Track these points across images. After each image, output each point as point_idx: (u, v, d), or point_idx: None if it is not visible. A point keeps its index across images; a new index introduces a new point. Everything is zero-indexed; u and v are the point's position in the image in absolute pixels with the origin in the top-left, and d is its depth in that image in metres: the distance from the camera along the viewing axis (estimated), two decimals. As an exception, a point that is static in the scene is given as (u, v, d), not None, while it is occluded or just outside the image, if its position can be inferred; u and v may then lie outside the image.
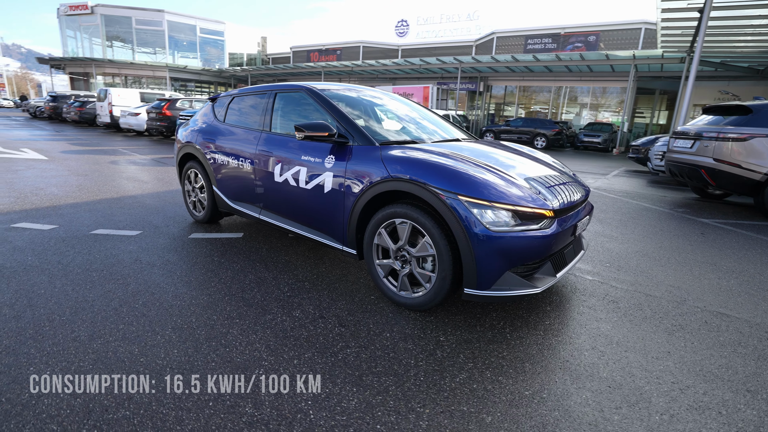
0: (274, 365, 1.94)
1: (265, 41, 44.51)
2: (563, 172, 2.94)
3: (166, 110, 13.47)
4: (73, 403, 1.67)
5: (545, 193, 2.40)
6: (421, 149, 2.62)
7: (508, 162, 2.72)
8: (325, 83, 3.54)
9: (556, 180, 2.67)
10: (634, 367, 2.02)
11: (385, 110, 3.52)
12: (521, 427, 1.60)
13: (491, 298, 2.23)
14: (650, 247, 4.01)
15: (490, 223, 2.15)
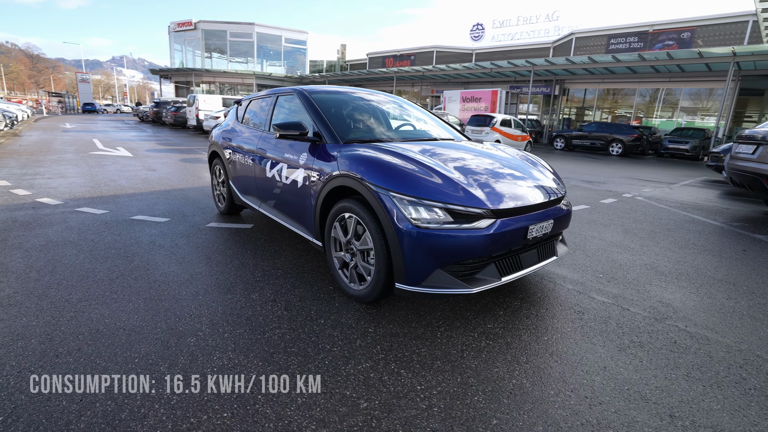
0: (206, 336, 2.18)
1: (344, 48, 46.48)
2: (531, 175, 2.81)
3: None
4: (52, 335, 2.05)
5: (491, 194, 2.35)
6: (377, 147, 2.72)
7: (465, 163, 2.70)
8: (323, 86, 3.77)
9: (513, 182, 2.59)
10: (551, 378, 1.93)
11: (371, 111, 3.64)
12: (390, 416, 1.65)
13: (422, 294, 2.26)
14: (665, 262, 3.63)
15: (417, 219, 2.19)
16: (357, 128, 3.29)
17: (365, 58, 41.29)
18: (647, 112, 23.25)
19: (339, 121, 3.20)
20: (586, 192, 7.24)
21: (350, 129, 3.19)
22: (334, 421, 1.62)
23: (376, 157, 2.50)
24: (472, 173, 2.53)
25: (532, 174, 2.81)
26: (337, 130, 3.00)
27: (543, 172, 2.94)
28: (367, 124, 3.44)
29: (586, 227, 4.74)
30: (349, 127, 3.22)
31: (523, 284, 3.01)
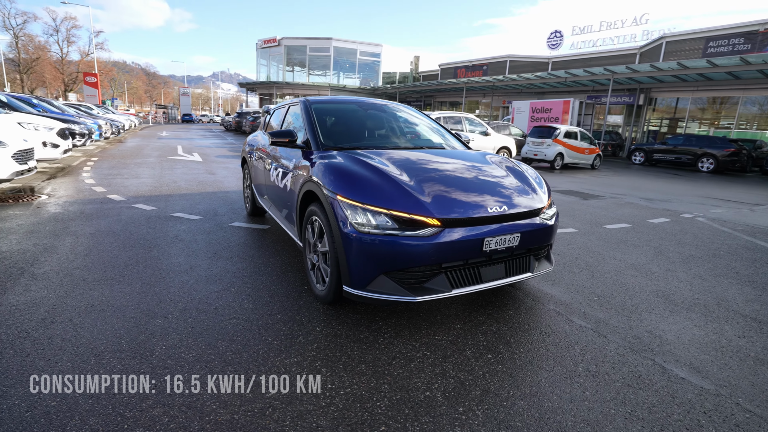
0: (173, 319, 2.44)
1: (417, 60, 47.10)
2: (501, 186, 2.71)
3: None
4: (57, 306, 2.45)
5: (441, 202, 2.34)
6: (346, 154, 2.82)
7: (430, 171, 2.70)
8: (332, 96, 3.97)
9: (473, 192, 2.53)
10: (468, 396, 1.87)
11: (364, 119, 3.76)
12: (287, 407, 1.73)
13: (366, 299, 2.30)
14: (685, 289, 3.23)
15: (360, 224, 2.25)
16: (341, 136, 3.41)
17: (437, 69, 41.42)
18: (757, 124, 20.37)
19: (327, 129, 3.36)
20: (636, 210, 6.61)
21: (334, 136, 3.32)
22: (235, 404, 1.74)
23: (335, 163, 2.62)
24: (431, 181, 2.53)
25: (502, 185, 2.72)
26: (321, 137, 3.16)
27: (520, 184, 2.81)
28: (354, 132, 3.56)
29: (610, 247, 4.36)
30: (334, 135, 3.35)
31: (500, 299, 2.90)
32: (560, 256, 3.97)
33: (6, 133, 5.76)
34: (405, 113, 4.14)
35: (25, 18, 51.02)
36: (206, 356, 2.09)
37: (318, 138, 3.16)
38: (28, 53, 50.93)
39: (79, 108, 15.52)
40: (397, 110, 4.10)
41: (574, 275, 3.45)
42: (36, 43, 51.92)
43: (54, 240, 3.82)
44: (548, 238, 2.73)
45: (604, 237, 4.78)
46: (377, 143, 3.42)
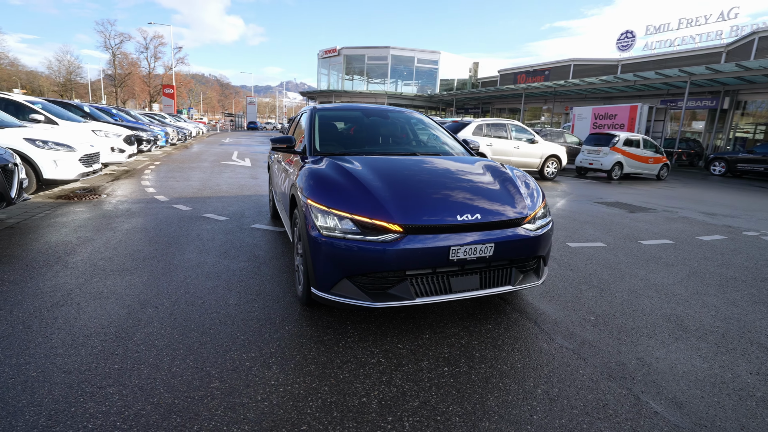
0: (163, 309, 2.64)
1: (476, 66, 46.37)
2: (478, 194, 2.62)
3: (353, 131, 16.10)
4: (72, 292, 2.77)
5: (406, 208, 2.32)
6: (330, 160, 2.88)
7: (405, 178, 2.68)
8: (340, 104, 4.07)
9: (444, 200, 2.47)
10: (404, 408, 1.83)
11: (364, 126, 3.81)
12: (225, 398, 1.81)
13: (329, 301, 2.34)
14: (706, 315, 2.88)
15: (325, 228, 2.30)
16: (337, 142, 3.49)
17: (496, 75, 40.47)
18: None
19: (325, 135, 3.46)
20: (687, 225, 5.97)
21: (330, 143, 3.41)
22: (181, 390, 1.85)
23: (314, 168, 2.69)
24: (405, 188, 2.51)
25: (482, 192, 2.63)
26: (316, 143, 3.27)
27: (503, 193, 2.69)
28: (351, 138, 3.63)
29: (636, 264, 4.00)
30: (330, 141, 3.44)
31: (484, 312, 2.78)
32: (573, 271, 3.72)
33: (75, 139, 6.55)
34: (409, 119, 4.13)
35: (122, 38, 57.64)
36: (175, 344, 2.24)
37: (313, 144, 3.27)
38: (122, 69, 57.37)
39: (153, 117, 17.21)
40: (401, 117, 4.10)
41: (580, 292, 3.22)
42: (129, 60, 58.33)
43: (94, 234, 4.28)
44: (534, 250, 2.58)
45: (635, 253, 4.39)
46: (371, 149, 3.45)
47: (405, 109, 4.31)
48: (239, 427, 1.66)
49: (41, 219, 4.85)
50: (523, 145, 10.92)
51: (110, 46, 55.10)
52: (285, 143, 3.33)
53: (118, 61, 56.43)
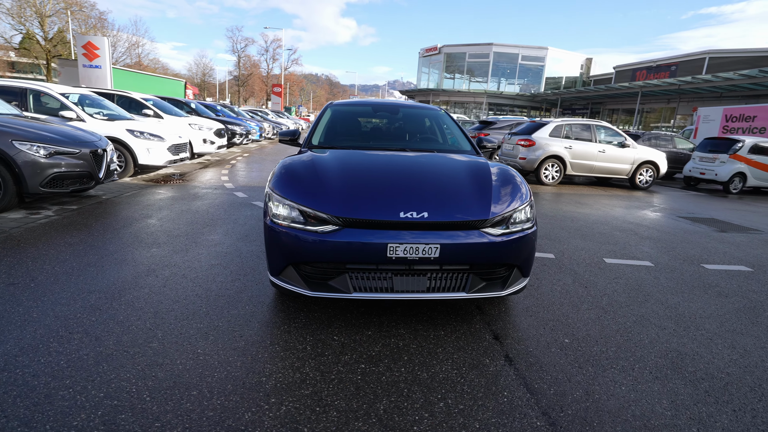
0: (164, 280, 3.03)
1: (589, 63, 42.42)
2: (437, 191, 2.52)
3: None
4: (103, 262, 3.34)
5: (348, 202, 2.34)
6: (312, 152, 3.00)
7: (370, 172, 2.71)
8: (354, 99, 4.16)
9: (393, 195, 2.43)
10: (284, 390, 1.87)
11: (370, 120, 3.87)
12: (150, 374, 2.05)
13: (276, 286, 2.47)
14: (727, 358, 2.35)
15: (276, 216, 2.42)
16: (336, 136, 3.63)
17: (611, 73, 36.58)
18: None
19: (328, 129, 3.60)
20: (791, 253, 4.82)
21: (330, 137, 3.57)
22: (127, 346, 2.14)
23: (286, 160, 2.83)
24: (362, 182, 2.54)
25: (442, 191, 2.53)
26: (314, 136, 3.43)
27: (468, 194, 2.53)
28: (349, 132, 3.72)
29: (676, 290, 3.39)
30: (331, 135, 3.59)
31: (447, 317, 2.65)
32: (586, 288, 3.30)
33: (167, 131, 7.66)
34: (422, 115, 4.06)
35: (246, 42, 64.86)
36: (147, 307, 2.57)
37: (310, 137, 3.43)
38: (246, 70, 64.47)
39: (256, 113, 19.14)
40: (414, 112, 4.05)
41: (575, 312, 2.86)
42: (251, 62, 65.30)
43: (155, 212, 5.01)
44: (498, 257, 2.39)
45: (684, 278, 3.72)
46: (364, 144, 3.50)
47: (426, 105, 4.23)
48: (144, 383, 1.87)
49: (126, 197, 5.80)
50: (610, 149, 9.78)
51: (236, 49, 62.45)
52: (290, 136, 3.53)
53: (242, 63, 63.71)
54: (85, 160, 5.02)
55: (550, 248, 4.40)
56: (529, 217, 2.59)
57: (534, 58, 40.46)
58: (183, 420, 1.66)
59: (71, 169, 4.85)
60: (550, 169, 9.61)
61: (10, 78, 19.40)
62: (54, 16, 42.54)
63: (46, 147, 4.64)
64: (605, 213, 6.66)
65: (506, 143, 10.43)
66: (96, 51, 16.71)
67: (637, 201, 8.23)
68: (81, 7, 46.83)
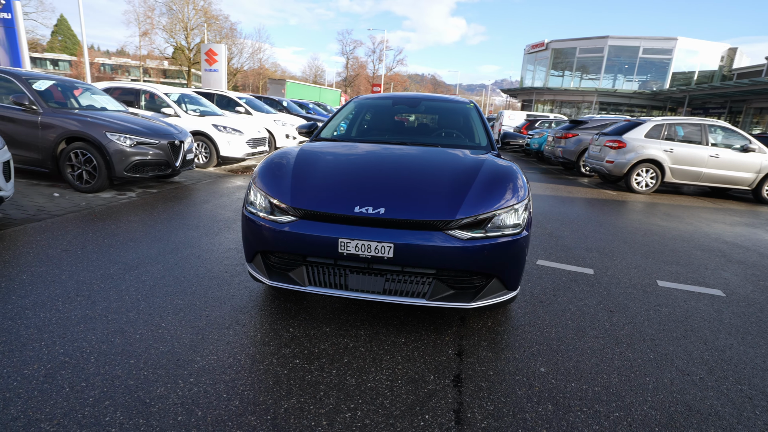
0: (163, 256, 3.34)
1: (732, 53, 35.76)
2: (411, 186, 2.35)
3: (525, 130, 15.03)
4: (141, 240, 3.82)
5: (307, 193, 2.32)
6: (309, 145, 3.02)
7: (348, 165, 2.65)
8: (379, 93, 4.08)
9: (363, 190, 2.33)
10: (214, 371, 1.90)
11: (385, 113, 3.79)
12: (105, 346, 2.27)
13: (249, 273, 2.55)
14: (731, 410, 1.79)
15: (251, 204, 2.48)
16: (347, 129, 3.62)
17: (762, 64, 30.42)
18: None
19: (338, 122, 3.63)
20: None
21: (334, 128, 3.57)
22: (114, 309, 2.40)
23: (277, 152, 2.87)
24: (334, 175, 2.51)
25: (409, 188, 2.34)
26: (324, 129, 3.48)
27: (438, 189, 2.33)
28: (359, 126, 3.68)
29: (748, 332, 2.68)
30: (336, 127, 3.60)
31: (419, 325, 2.46)
32: (610, 313, 2.79)
33: (247, 126, 8.39)
34: (445, 109, 3.86)
35: (355, 45, 68.00)
36: (151, 281, 2.85)
37: (321, 129, 3.48)
38: (353, 71, 67.70)
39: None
40: (435, 106, 3.86)
41: (577, 339, 2.44)
42: (359, 63, 68.34)
43: (214, 199, 5.54)
44: (463, 264, 2.15)
45: (759, 317, 2.92)
46: (371, 137, 3.46)
47: (453, 98, 3.98)
48: (99, 346, 2.07)
49: (203, 185, 6.51)
50: (727, 153, 8.13)
51: (345, 51, 65.96)
52: (307, 129, 3.61)
53: (350, 65, 67.08)
54: (163, 150, 5.75)
55: (594, 263, 3.82)
56: (517, 222, 2.28)
57: (658, 51, 35.42)
58: (105, 384, 1.80)
59: (150, 157, 5.59)
60: (643, 175, 8.34)
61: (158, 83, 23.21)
62: (196, 29, 49.42)
63: (131, 138, 5.42)
64: (695, 229, 5.55)
65: (593, 145, 9.32)
66: (215, 57, 19.00)
67: (752, 218, 6.71)
68: (216, 19, 53.60)
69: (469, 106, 3.80)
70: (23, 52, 11.67)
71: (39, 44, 45.83)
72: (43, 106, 5.40)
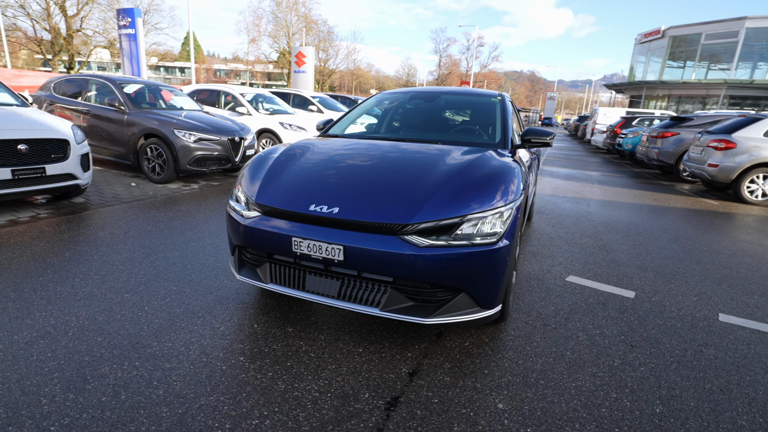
0: (186, 244, 3.57)
1: None
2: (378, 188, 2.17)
3: (618, 129, 13.45)
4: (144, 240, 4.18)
5: (272, 189, 2.29)
6: (306, 141, 3.00)
7: (327, 163, 2.55)
8: (406, 88, 3.89)
9: (326, 188, 2.23)
10: (160, 359, 1.96)
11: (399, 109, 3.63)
12: (82, 332, 2.48)
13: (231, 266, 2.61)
14: None
15: (232, 199, 2.53)
16: (352, 124, 3.53)
17: None
18: None
19: (350, 118, 3.55)
20: None
21: (344, 124, 3.53)
22: (110, 284, 2.64)
23: (268, 149, 2.88)
24: (303, 171, 2.45)
25: (372, 186, 2.19)
26: (334, 124, 3.47)
27: (406, 188, 2.14)
28: (373, 121, 3.56)
29: None
30: (345, 123, 3.55)
31: (384, 336, 2.28)
32: (632, 348, 2.30)
33: (312, 123, 8.73)
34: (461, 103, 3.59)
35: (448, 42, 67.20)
36: (159, 266, 3.07)
37: (331, 125, 3.46)
38: (446, 69, 66.97)
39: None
40: (454, 100, 3.59)
41: (565, 375, 2.04)
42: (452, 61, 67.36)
43: (262, 191, 5.84)
44: (419, 274, 1.94)
45: None
46: (374, 133, 3.36)
47: (478, 92, 3.63)
48: (81, 322, 2.27)
49: (260, 178, 6.92)
50: None
51: (439, 50, 65.45)
52: (323, 125, 3.60)
53: (443, 63, 66.44)
54: (223, 146, 6.22)
55: (642, 284, 3.20)
56: (494, 230, 1.99)
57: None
58: (66, 358, 1.96)
59: (211, 152, 6.09)
60: (758, 183, 6.86)
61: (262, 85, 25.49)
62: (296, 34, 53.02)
63: (194, 134, 5.95)
64: (813, 254, 4.38)
65: (694, 145, 7.91)
66: (303, 59, 20.15)
67: None
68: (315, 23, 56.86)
69: (495, 100, 3.44)
70: (141, 61, 13.59)
71: (170, 54, 53.07)
72: (129, 107, 6.18)
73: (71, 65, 36.14)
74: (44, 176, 4.12)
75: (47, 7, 33.67)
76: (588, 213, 5.72)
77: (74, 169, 4.40)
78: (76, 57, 36.47)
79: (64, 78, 7.02)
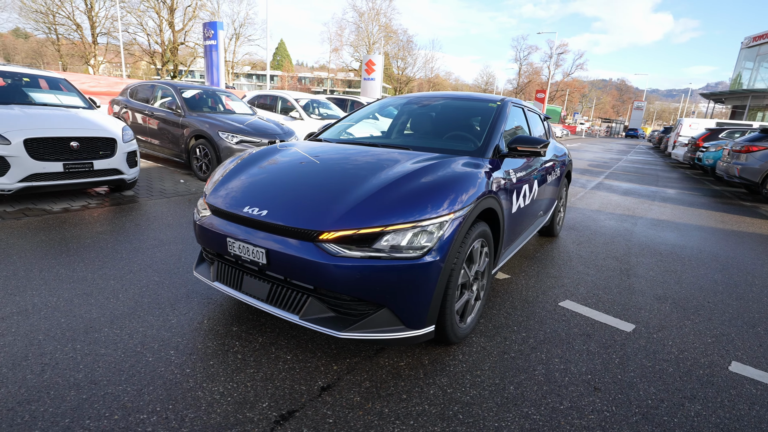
0: (196, 239, 3.78)
1: None
2: (321, 192, 2.11)
3: (701, 142, 11.84)
4: (191, 218, 4.47)
5: (223, 190, 2.33)
6: (305, 143, 3.07)
7: (288, 165, 2.54)
8: (420, 93, 3.77)
9: (273, 189, 2.23)
10: (116, 371, 2.09)
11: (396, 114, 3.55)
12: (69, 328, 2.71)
13: (197, 262, 2.72)
14: None
15: (203, 196, 2.63)
16: (343, 128, 3.55)
17: None
18: None
19: (346, 122, 3.56)
20: None
21: (335, 128, 3.56)
22: (98, 273, 2.89)
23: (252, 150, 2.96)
24: (253, 174, 2.46)
25: (316, 188, 2.15)
26: (328, 128, 3.52)
27: (342, 191, 2.06)
28: (360, 125, 3.51)
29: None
30: (338, 127, 3.58)
31: (329, 346, 2.21)
32: (600, 394, 1.97)
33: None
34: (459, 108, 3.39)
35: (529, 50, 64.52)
36: (156, 256, 3.30)
37: (326, 129, 3.49)
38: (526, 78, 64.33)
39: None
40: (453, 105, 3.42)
41: (487, 414, 1.80)
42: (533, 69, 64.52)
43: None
44: (333, 284, 1.86)
45: None
46: (353, 138, 3.35)
47: (482, 97, 3.39)
48: (57, 303, 2.51)
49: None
50: None
51: (519, 58, 63.06)
52: (320, 130, 3.63)
53: (523, 71, 63.91)
54: (262, 148, 6.56)
55: (649, 318, 2.74)
56: (420, 244, 1.84)
57: None
58: (22, 335, 2.17)
59: (250, 154, 6.45)
60: None
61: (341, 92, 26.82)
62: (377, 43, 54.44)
63: (237, 136, 6.35)
64: None
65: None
66: (373, 66, 20.61)
67: None
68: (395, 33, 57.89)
69: (493, 105, 3.18)
70: (221, 69, 14.88)
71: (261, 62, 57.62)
72: (185, 110, 6.79)
73: (175, 74, 40.79)
74: (92, 170, 4.65)
75: (160, 24, 38.41)
76: (629, 232, 5.06)
77: (120, 164, 4.91)
78: (179, 66, 41.12)
79: (138, 84, 7.93)
